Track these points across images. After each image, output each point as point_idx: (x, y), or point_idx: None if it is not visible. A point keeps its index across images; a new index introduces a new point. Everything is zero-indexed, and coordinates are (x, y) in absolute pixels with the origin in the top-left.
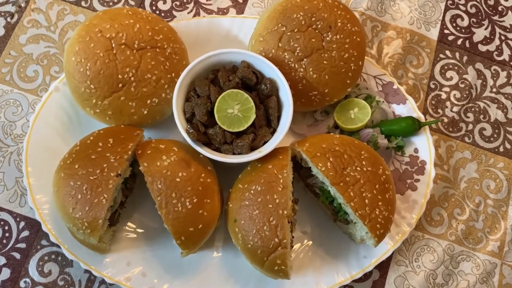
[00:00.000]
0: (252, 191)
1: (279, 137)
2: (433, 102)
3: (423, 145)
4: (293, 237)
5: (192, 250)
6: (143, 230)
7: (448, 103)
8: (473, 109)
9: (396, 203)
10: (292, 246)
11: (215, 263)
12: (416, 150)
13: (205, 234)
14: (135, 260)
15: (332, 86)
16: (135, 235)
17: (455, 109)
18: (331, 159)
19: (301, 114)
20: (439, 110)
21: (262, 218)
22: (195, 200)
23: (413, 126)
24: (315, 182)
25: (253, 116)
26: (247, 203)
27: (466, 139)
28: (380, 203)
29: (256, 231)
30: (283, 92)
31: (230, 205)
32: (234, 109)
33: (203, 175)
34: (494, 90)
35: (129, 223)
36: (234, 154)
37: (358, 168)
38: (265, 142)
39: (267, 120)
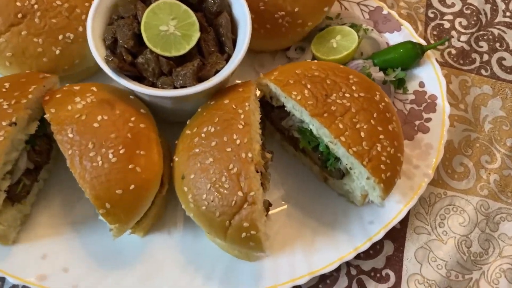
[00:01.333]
0: (203, 134)
1: (235, 62)
2: (435, 32)
3: (430, 76)
4: (270, 204)
5: (125, 225)
6: (66, 211)
7: (454, 33)
8: (485, 37)
9: (403, 140)
10: (267, 210)
11: (169, 247)
12: (421, 84)
13: (140, 199)
14: (54, 251)
15: (303, 3)
16: (56, 218)
17: (463, 38)
18: (308, 86)
19: (271, 55)
20: None
21: (219, 167)
22: (121, 151)
23: (413, 52)
24: (291, 123)
25: (197, 35)
26: (197, 151)
27: (483, 71)
28: (381, 137)
29: (211, 185)
30: (237, 8)
31: (176, 159)
32: (169, 26)
33: (133, 118)
34: (508, 14)
35: (46, 204)
36: (175, 88)
37: (347, 95)
38: (217, 72)
39: (219, 44)
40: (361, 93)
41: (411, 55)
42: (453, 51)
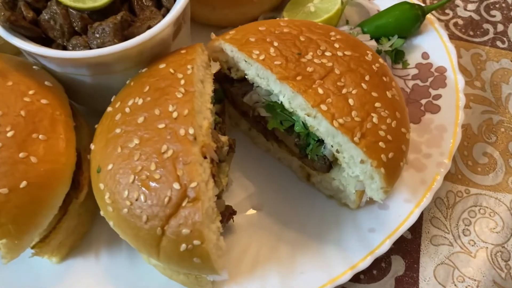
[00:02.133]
0: (127, 109)
1: (173, 13)
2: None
3: (435, 45)
4: (234, 211)
5: (17, 241)
6: None
7: (459, 1)
8: (497, 5)
9: (407, 112)
10: (227, 218)
11: (96, 275)
12: (425, 55)
13: (37, 202)
14: None
15: None
16: None
17: (471, 6)
18: (275, 44)
19: None
20: (448, 11)
21: (147, 151)
22: (9, 134)
23: (412, 14)
24: (256, 99)
25: None
26: (118, 131)
27: (499, 43)
28: (378, 105)
29: (135, 177)
30: None
31: (92, 147)
32: None
33: (31, 92)
34: None
35: None
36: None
37: (328, 53)
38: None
39: None
40: (346, 51)
41: (409, 18)
42: (460, 22)
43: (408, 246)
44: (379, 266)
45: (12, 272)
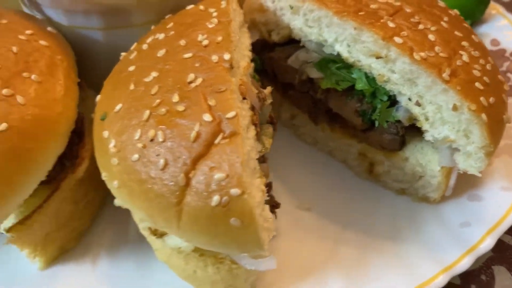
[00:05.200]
0: (145, 46)
1: None
2: None
3: (504, 29)
4: (276, 204)
5: None
6: None
7: None
8: None
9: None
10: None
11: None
12: (495, 42)
13: (20, 155)
14: None
15: None
16: None
17: None
18: None
19: None
20: None
21: (167, 84)
22: None
23: None
24: (304, 57)
25: None
26: (131, 69)
27: None
28: (465, 44)
29: (150, 113)
30: None
31: (97, 98)
32: None
33: (28, 31)
34: None
35: None
36: None
37: None
38: None
39: None
40: None
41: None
42: None
43: None
44: (478, 279)
45: None
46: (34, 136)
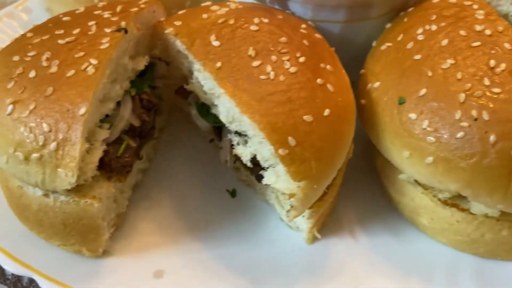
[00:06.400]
0: (420, 37)
1: None
2: None
3: None
4: None
5: (316, 184)
6: (176, 212)
7: None
8: None
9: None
10: None
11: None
12: None
13: (340, 135)
14: (171, 267)
15: None
16: (163, 222)
17: None
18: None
19: None
20: None
21: (469, 73)
22: (301, 60)
23: None
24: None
25: None
26: (417, 57)
27: None
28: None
29: (466, 96)
30: None
31: (373, 86)
32: None
33: (303, 25)
34: None
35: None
36: None
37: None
38: None
39: None
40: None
41: None
42: None
43: None
44: None
45: (259, 253)
46: (345, 119)
